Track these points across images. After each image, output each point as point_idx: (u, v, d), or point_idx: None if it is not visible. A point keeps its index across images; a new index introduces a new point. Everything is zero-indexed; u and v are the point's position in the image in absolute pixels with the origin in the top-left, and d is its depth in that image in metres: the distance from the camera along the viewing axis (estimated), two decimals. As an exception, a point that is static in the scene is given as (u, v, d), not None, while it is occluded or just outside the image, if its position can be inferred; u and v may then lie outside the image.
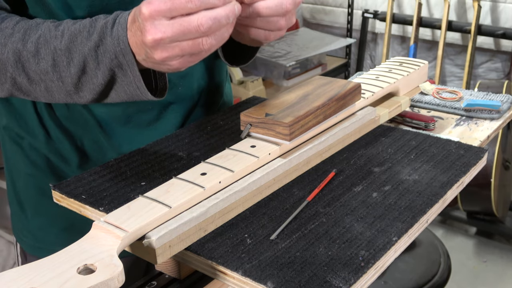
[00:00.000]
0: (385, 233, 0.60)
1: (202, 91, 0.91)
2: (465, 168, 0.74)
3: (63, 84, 0.67)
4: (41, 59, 0.66)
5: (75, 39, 0.65)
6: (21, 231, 0.93)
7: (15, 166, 0.90)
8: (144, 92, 0.66)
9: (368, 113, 0.82)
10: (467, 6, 2.39)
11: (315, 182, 0.71)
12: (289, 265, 0.56)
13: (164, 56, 0.61)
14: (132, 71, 0.64)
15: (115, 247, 0.51)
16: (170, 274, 0.62)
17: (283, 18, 0.68)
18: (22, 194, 0.91)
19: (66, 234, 0.89)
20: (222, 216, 0.62)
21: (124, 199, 0.66)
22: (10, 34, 0.67)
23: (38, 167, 0.87)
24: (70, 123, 0.84)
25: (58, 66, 0.66)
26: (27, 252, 0.94)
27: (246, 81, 2.20)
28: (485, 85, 2.20)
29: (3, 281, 0.45)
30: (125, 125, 0.84)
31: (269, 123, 0.68)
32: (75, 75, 0.66)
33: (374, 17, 2.62)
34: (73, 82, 0.67)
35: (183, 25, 0.59)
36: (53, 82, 0.67)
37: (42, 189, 0.87)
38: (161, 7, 0.58)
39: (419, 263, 1.88)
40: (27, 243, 0.93)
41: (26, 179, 0.89)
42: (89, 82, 0.66)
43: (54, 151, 0.85)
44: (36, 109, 0.84)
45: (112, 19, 0.65)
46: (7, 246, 2.13)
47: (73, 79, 0.66)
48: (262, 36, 0.69)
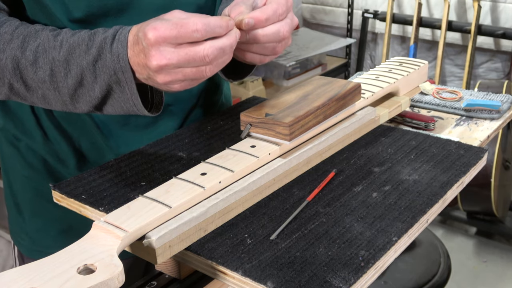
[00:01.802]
0: (385, 233, 0.60)
1: (201, 93, 0.91)
2: (465, 168, 0.74)
3: (59, 94, 0.67)
4: (39, 68, 0.66)
5: (74, 52, 0.65)
6: (19, 234, 0.93)
7: (12, 168, 0.90)
8: (141, 109, 0.67)
9: (368, 113, 0.82)
10: (467, 6, 2.39)
11: (315, 182, 0.71)
12: (289, 265, 0.56)
13: (167, 80, 0.62)
14: (130, 88, 0.65)
15: (115, 247, 0.51)
16: (170, 274, 0.62)
17: (279, 44, 0.70)
18: (19, 196, 0.91)
19: (63, 236, 0.88)
20: (222, 216, 0.62)
21: (124, 199, 0.66)
22: (9, 40, 0.67)
23: (35, 169, 0.87)
24: (68, 124, 0.84)
25: (55, 77, 0.66)
26: (25, 255, 0.94)
27: (246, 81, 2.20)
28: (485, 85, 2.20)
29: (3, 281, 0.45)
30: (123, 127, 0.84)
31: (269, 123, 0.68)
32: (72, 87, 0.66)
33: (374, 17, 2.62)
34: (70, 93, 0.67)
35: (189, 54, 0.60)
36: (50, 91, 0.67)
37: (39, 191, 0.87)
38: (167, 34, 0.59)
39: (419, 263, 1.88)
40: (24, 246, 0.93)
41: (23, 181, 0.89)
42: (86, 95, 0.67)
43: (52, 152, 0.85)
44: (33, 110, 0.84)
45: (111, 35, 0.65)
46: (7, 246, 2.13)
47: (70, 90, 0.67)
48: (257, 59, 0.72)
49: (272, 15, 0.67)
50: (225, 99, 1.01)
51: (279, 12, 0.68)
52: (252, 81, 2.21)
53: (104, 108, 0.68)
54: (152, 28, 0.60)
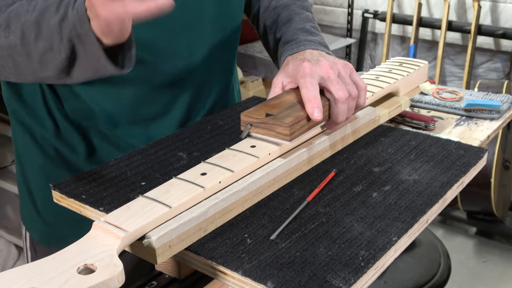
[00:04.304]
0: (385, 233, 0.60)
1: (214, 88, 0.93)
2: (465, 168, 0.74)
3: (30, 59, 0.66)
4: (11, 33, 0.66)
5: (45, 12, 0.65)
6: (32, 221, 0.93)
7: (26, 156, 0.91)
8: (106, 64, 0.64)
9: (368, 113, 0.82)
10: (467, 6, 2.39)
11: (315, 182, 0.71)
12: (289, 265, 0.56)
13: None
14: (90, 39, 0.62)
15: (115, 247, 0.51)
16: (170, 274, 0.62)
17: (352, 101, 0.73)
18: (33, 184, 0.91)
19: (77, 224, 0.89)
20: (222, 216, 0.62)
21: (124, 199, 0.66)
22: None
23: (49, 157, 0.88)
24: (77, 115, 0.85)
25: (26, 39, 0.65)
26: (38, 243, 0.94)
27: (246, 81, 2.20)
28: (485, 85, 2.20)
29: (3, 281, 0.45)
30: (131, 119, 0.85)
31: (269, 123, 0.68)
32: (42, 50, 0.65)
33: (374, 17, 2.62)
34: (39, 58, 0.66)
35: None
36: (21, 57, 0.66)
37: (52, 179, 0.87)
38: None
39: (419, 263, 1.87)
40: (37, 233, 0.93)
41: (37, 169, 0.90)
42: (54, 59, 0.65)
43: (63, 141, 0.86)
44: (45, 100, 0.85)
45: None
46: (7, 246, 2.13)
47: (40, 54, 0.66)
48: (345, 116, 0.74)
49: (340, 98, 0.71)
50: (237, 95, 1.04)
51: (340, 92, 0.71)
52: (252, 81, 2.21)
53: (72, 72, 0.67)
54: None
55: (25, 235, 0.97)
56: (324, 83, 0.71)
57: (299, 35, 0.84)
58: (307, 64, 0.73)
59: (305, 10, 0.91)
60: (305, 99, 0.69)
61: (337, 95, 0.70)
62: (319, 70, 0.72)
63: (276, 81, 0.77)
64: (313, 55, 0.76)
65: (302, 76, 0.72)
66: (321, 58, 0.75)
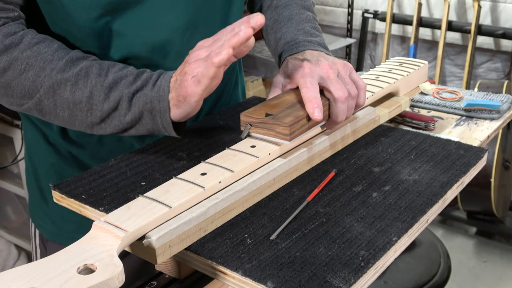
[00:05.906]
0: (385, 233, 0.60)
1: (223, 88, 0.96)
2: (465, 168, 0.74)
3: (90, 116, 0.71)
4: (77, 90, 0.70)
5: (120, 81, 0.70)
6: (41, 218, 0.94)
7: (38, 154, 0.92)
8: (170, 133, 0.71)
9: (368, 113, 0.82)
10: (467, 6, 2.39)
11: (315, 182, 0.71)
12: (289, 265, 0.56)
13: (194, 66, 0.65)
14: (163, 117, 0.69)
15: (115, 247, 0.51)
16: (170, 274, 0.62)
17: (351, 100, 0.73)
18: (43, 181, 0.92)
19: (87, 222, 0.89)
20: (222, 216, 0.62)
21: (124, 199, 0.66)
22: (49, 60, 0.70)
23: (62, 156, 0.88)
24: None
25: (93, 99, 0.70)
26: (48, 239, 0.95)
27: (246, 81, 2.21)
28: (485, 85, 2.20)
29: (3, 281, 0.45)
30: None
31: (269, 123, 0.68)
32: (106, 111, 0.70)
33: (374, 17, 2.62)
34: (102, 116, 0.71)
35: None
36: (82, 112, 0.70)
37: (64, 177, 0.88)
38: None
39: (419, 263, 1.87)
40: (47, 230, 0.94)
41: (49, 167, 0.90)
42: (116, 119, 0.71)
43: (71, 142, 0.87)
44: None
45: (157, 74, 0.71)
46: (7, 246, 2.13)
47: (103, 114, 0.70)
48: (345, 116, 0.74)
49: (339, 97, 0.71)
50: (241, 92, 1.05)
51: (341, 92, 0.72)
52: (252, 81, 2.21)
53: (128, 131, 0.73)
54: None
55: (34, 232, 0.98)
56: (324, 83, 0.72)
57: (299, 36, 0.84)
58: (307, 64, 0.73)
59: (306, 10, 0.91)
60: (305, 99, 0.69)
61: (336, 94, 0.70)
62: (319, 70, 0.72)
63: (276, 81, 0.77)
64: (312, 55, 0.77)
65: (302, 76, 0.72)
66: (321, 58, 0.75)
